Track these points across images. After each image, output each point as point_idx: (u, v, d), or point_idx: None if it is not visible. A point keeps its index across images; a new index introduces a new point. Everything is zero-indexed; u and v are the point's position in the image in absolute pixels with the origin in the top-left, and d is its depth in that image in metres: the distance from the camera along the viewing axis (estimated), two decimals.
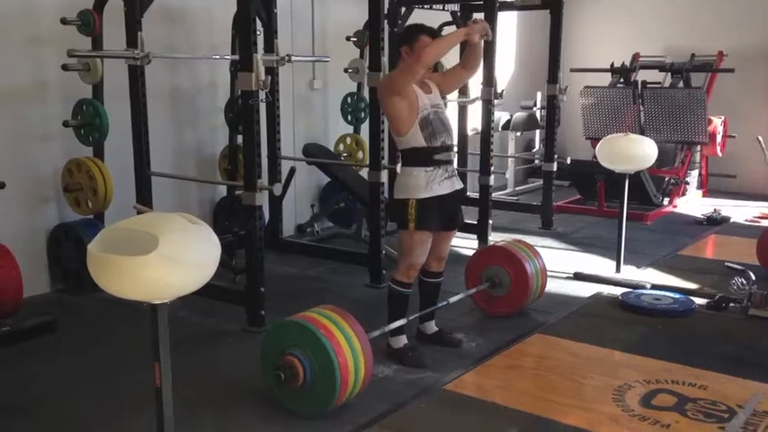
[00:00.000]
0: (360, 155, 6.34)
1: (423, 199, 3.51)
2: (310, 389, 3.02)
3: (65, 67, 4.36)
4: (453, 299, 3.99)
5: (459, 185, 3.67)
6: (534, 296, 4.34)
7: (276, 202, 5.60)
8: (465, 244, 5.70)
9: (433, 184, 3.52)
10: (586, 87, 7.76)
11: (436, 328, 3.93)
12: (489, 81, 5.72)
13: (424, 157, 3.51)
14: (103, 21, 4.48)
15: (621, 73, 7.96)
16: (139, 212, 3.75)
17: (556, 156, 6.63)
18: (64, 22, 4.38)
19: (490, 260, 4.33)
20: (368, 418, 3.06)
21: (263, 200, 4.04)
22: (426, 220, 3.54)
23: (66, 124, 4.51)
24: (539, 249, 4.49)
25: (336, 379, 2.95)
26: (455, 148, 3.86)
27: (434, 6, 6.03)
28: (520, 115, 8.19)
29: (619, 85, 7.91)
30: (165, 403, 2.42)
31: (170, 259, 2.14)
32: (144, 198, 4.40)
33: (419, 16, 5.78)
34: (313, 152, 6.01)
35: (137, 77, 4.25)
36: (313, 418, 3.05)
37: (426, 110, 3.52)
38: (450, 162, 3.62)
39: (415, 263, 3.61)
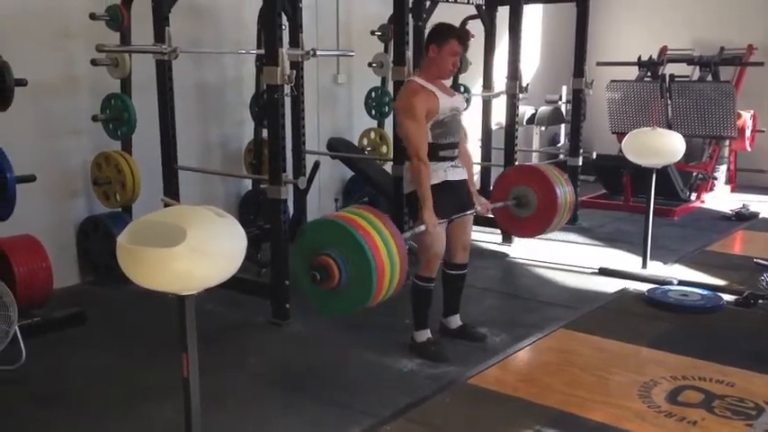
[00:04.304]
0: (383, 149, 6.34)
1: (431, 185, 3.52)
2: (345, 289, 2.96)
3: (93, 62, 4.41)
4: (478, 207, 3.78)
5: (465, 176, 3.70)
6: (559, 222, 4.19)
7: (301, 196, 5.61)
8: (489, 238, 5.69)
9: (438, 171, 3.56)
10: (613, 81, 7.68)
11: (460, 323, 3.92)
12: (514, 75, 5.69)
13: (430, 153, 3.53)
14: (131, 16, 4.53)
15: (649, 66, 7.87)
16: (167, 205, 3.79)
17: (581, 150, 6.58)
18: (93, 17, 4.43)
19: (518, 180, 4.20)
20: (391, 411, 3.07)
21: (287, 194, 4.07)
22: (436, 207, 3.52)
23: (94, 119, 4.57)
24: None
25: (372, 278, 2.89)
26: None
27: (459, 0, 6.01)
28: (545, 109, 8.13)
29: (646, 79, 7.82)
30: (192, 393, 2.45)
31: (198, 251, 2.16)
32: (171, 191, 4.44)
33: (444, 10, 5.78)
34: (337, 146, 6.02)
35: (164, 72, 4.30)
36: (347, 317, 3.05)
37: (444, 114, 3.55)
38: (453, 158, 3.63)
39: (436, 253, 3.60)
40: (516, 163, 5.81)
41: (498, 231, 5.71)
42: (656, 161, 5.01)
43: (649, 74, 7.88)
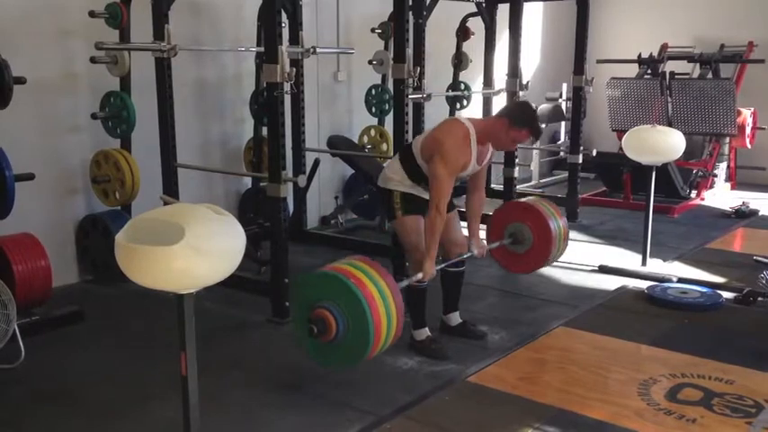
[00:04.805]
0: (384, 147, 6.34)
1: (405, 192, 3.61)
2: (342, 341, 2.98)
3: (93, 60, 4.40)
4: (475, 250, 3.83)
5: None
6: (555, 255, 4.28)
7: (300, 194, 5.62)
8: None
9: (414, 190, 3.63)
10: (613, 78, 7.67)
11: (460, 320, 3.92)
12: (514, 72, 5.69)
13: (422, 180, 3.59)
14: (131, 13, 4.52)
15: (649, 64, 7.86)
16: (166, 203, 3.79)
17: (581, 148, 6.58)
18: (92, 14, 4.43)
19: (513, 217, 4.29)
20: (391, 410, 3.07)
21: (287, 192, 4.06)
22: (412, 206, 3.60)
23: (94, 116, 4.56)
24: None
25: (370, 332, 2.92)
26: None
27: None
28: (545, 107, 8.12)
29: (646, 77, 7.81)
30: (190, 391, 2.45)
31: (196, 250, 2.16)
32: (170, 189, 4.44)
33: (445, 7, 5.77)
34: (337, 144, 6.02)
35: (163, 70, 4.29)
36: (346, 371, 3.07)
37: (461, 176, 3.59)
38: None
39: (423, 252, 3.60)
40: (516, 160, 5.81)
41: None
42: (656, 159, 5.01)
43: (650, 71, 7.86)
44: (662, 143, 4.94)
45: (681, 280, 4.74)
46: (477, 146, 3.52)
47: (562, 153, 8.19)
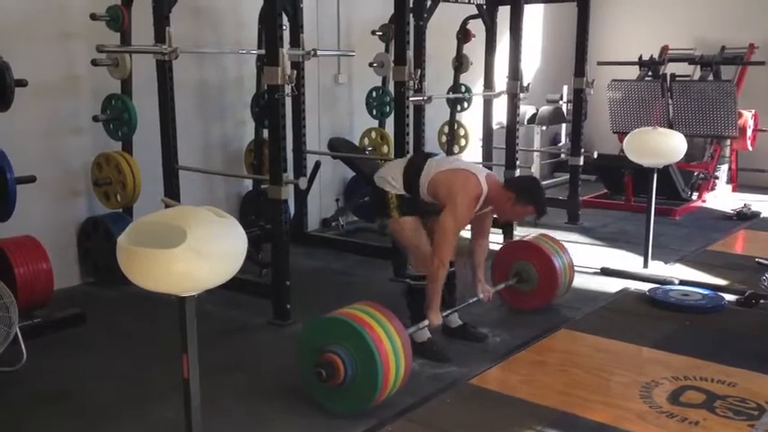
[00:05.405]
0: (384, 149, 6.34)
1: (401, 194, 3.63)
2: (351, 386, 2.98)
3: (94, 63, 4.41)
4: (481, 294, 3.92)
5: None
6: (562, 291, 4.31)
7: (301, 196, 5.61)
8: (491, 239, 5.66)
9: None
10: (614, 81, 7.67)
11: (460, 322, 3.92)
12: (515, 74, 5.68)
13: (415, 199, 3.64)
14: (132, 16, 4.52)
15: (650, 66, 7.86)
16: (167, 206, 3.79)
17: (582, 150, 6.58)
18: (93, 17, 4.43)
19: (517, 255, 4.31)
20: (393, 412, 3.07)
21: (288, 194, 4.06)
22: (407, 208, 3.62)
23: (95, 119, 4.56)
24: (565, 244, 4.46)
25: (378, 376, 2.92)
26: None
27: (460, 0, 6.00)
28: (546, 109, 8.12)
29: (647, 79, 7.81)
30: (192, 394, 2.45)
31: (198, 252, 2.16)
32: (172, 192, 4.44)
33: (445, 10, 5.78)
34: (338, 146, 6.02)
35: (165, 72, 4.29)
36: (351, 416, 3.02)
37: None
38: None
39: (423, 250, 3.62)
40: (517, 163, 5.81)
41: (500, 231, 5.69)
42: (658, 161, 5.01)
43: (650, 73, 7.87)
44: (663, 145, 4.94)
45: (682, 282, 4.73)
46: (484, 204, 3.58)
47: (563, 155, 8.19)
